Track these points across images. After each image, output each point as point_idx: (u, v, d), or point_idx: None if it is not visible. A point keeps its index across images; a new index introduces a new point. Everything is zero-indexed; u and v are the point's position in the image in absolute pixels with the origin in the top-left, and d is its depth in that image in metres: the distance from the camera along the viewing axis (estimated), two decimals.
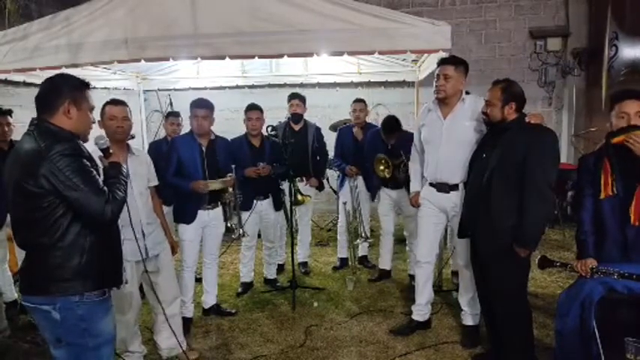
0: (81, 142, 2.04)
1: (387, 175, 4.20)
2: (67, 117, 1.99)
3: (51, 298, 1.93)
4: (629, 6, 5.35)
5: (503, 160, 2.71)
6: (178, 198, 3.63)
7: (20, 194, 1.89)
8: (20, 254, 2.35)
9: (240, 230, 3.91)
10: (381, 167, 4.24)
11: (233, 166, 3.68)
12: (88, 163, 1.95)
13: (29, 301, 1.98)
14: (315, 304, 4.09)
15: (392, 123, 4.24)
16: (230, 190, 3.67)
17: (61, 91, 2.00)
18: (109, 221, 1.98)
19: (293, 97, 4.64)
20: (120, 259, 2.21)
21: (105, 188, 1.95)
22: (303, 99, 4.64)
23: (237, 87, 6.88)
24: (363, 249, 5.07)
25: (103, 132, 2.71)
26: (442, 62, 3.18)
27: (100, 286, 2.04)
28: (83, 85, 2.09)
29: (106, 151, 2.23)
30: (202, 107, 3.54)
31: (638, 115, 2.44)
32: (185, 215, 3.57)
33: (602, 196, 2.52)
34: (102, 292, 2.05)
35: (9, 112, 3.87)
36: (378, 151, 4.27)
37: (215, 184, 3.54)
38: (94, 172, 1.96)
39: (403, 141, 4.02)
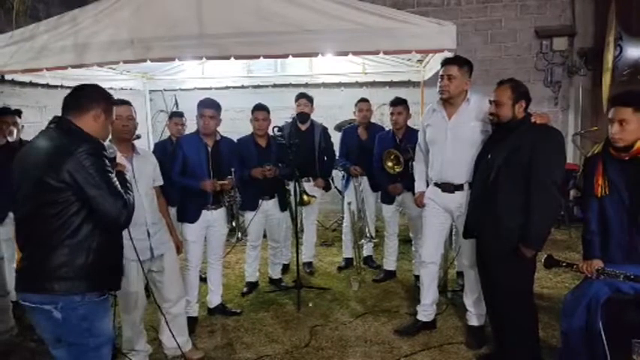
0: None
1: (398, 170, 4.16)
2: (95, 121, 2.09)
3: (53, 297, 1.94)
4: (635, 6, 5.32)
5: (508, 159, 2.70)
6: (182, 197, 3.64)
7: (37, 188, 1.91)
8: None
9: (239, 234, 3.91)
10: (390, 163, 4.19)
11: (233, 169, 3.68)
12: (109, 165, 2.01)
13: (29, 301, 1.98)
14: (310, 304, 4.09)
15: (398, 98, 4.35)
16: (231, 192, 3.69)
17: (98, 97, 2.14)
18: (122, 225, 2.03)
19: (300, 96, 4.64)
20: (121, 260, 2.22)
21: (122, 192, 1.99)
22: (310, 99, 4.64)
23: (243, 87, 6.90)
24: (367, 249, 5.06)
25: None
26: (446, 62, 3.17)
27: (102, 286, 2.07)
28: (113, 100, 2.26)
29: (112, 161, 2.25)
30: (210, 107, 3.56)
31: (620, 123, 2.39)
32: (189, 214, 3.58)
33: (598, 195, 2.54)
34: (102, 292, 2.07)
35: (18, 112, 3.91)
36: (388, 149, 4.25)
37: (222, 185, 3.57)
38: (114, 175, 2.02)
39: (412, 138, 3.99)
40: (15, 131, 3.82)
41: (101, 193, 1.91)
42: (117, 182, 2.00)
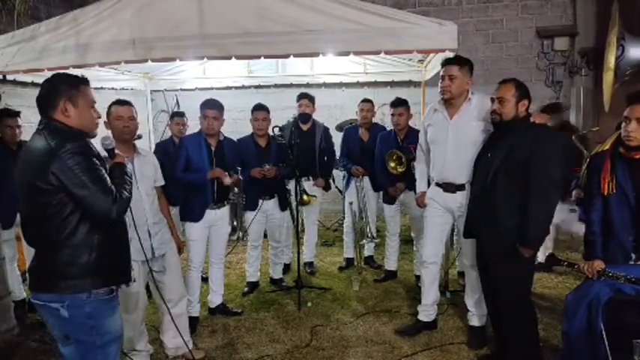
0: (90, 140, 2.07)
1: (401, 170, 4.16)
2: (65, 115, 2.01)
3: (60, 295, 1.95)
4: (638, 6, 5.30)
5: (507, 159, 2.70)
6: (186, 196, 3.64)
7: (31, 192, 1.92)
8: (29, 253, 2.38)
9: (239, 233, 3.92)
10: (392, 164, 4.19)
11: (239, 168, 3.70)
12: (97, 162, 1.97)
13: (38, 299, 2.00)
14: (309, 303, 4.09)
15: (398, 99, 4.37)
16: (236, 189, 3.70)
17: (57, 90, 2.02)
18: (114, 220, 2.00)
19: (302, 96, 4.63)
20: (128, 257, 2.23)
21: (112, 187, 1.97)
22: (312, 99, 4.64)
23: (244, 87, 6.90)
24: (369, 249, 5.07)
25: (109, 132, 2.73)
26: (446, 63, 3.17)
27: (108, 283, 2.06)
28: (79, 82, 2.08)
29: (111, 152, 2.25)
30: (213, 108, 3.57)
31: (638, 122, 2.38)
32: (193, 213, 3.59)
33: (605, 193, 2.53)
34: (110, 290, 2.07)
35: (18, 114, 3.93)
36: (390, 149, 4.25)
37: (227, 179, 3.59)
38: (103, 171, 1.99)
39: (414, 138, 3.98)
40: (17, 134, 3.88)
41: (88, 192, 1.89)
42: (106, 178, 1.97)
